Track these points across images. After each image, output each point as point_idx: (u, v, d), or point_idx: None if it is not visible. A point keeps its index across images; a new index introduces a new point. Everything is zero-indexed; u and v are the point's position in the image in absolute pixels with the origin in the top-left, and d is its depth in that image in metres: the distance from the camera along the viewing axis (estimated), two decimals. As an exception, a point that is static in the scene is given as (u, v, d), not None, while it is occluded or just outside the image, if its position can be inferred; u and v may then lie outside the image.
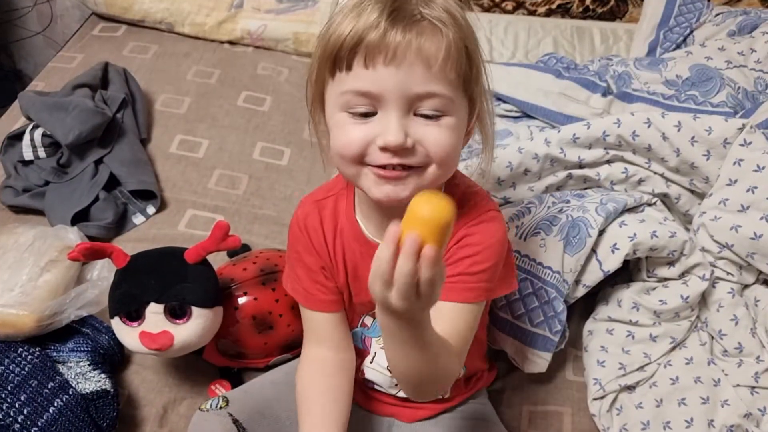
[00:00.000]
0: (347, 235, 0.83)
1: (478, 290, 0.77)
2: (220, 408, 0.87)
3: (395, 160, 0.69)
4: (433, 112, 0.70)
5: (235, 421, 0.85)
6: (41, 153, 1.29)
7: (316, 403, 0.83)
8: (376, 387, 0.92)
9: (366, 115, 0.70)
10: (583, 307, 1.14)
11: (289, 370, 0.96)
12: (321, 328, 0.86)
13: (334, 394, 0.84)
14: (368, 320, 0.89)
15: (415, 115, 0.70)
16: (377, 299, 0.60)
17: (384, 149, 0.69)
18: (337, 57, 0.70)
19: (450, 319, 0.76)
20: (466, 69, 0.71)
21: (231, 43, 1.72)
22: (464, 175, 0.85)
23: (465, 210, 0.78)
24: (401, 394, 0.90)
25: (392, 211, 0.74)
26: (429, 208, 0.54)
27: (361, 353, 0.91)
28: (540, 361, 1.04)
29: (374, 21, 0.67)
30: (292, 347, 1.03)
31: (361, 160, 0.71)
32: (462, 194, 0.80)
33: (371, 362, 0.90)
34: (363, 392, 0.94)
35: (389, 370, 0.88)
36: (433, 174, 0.72)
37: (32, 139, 1.29)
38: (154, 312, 0.91)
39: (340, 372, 0.85)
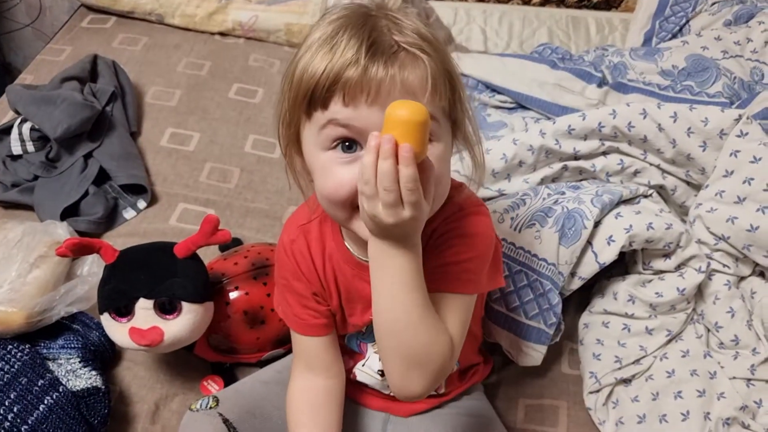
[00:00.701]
0: (337, 259, 0.80)
1: (463, 280, 0.74)
2: (210, 408, 0.86)
3: None
4: None
5: (226, 421, 0.84)
6: (30, 147, 1.28)
7: (314, 411, 0.83)
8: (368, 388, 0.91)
9: (350, 148, 0.65)
10: (578, 300, 1.14)
11: (281, 368, 0.96)
12: (312, 353, 0.84)
13: (322, 426, 0.83)
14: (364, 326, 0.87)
15: None
16: (367, 221, 0.60)
17: None
18: (312, 97, 0.65)
19: (438, 310, 0.72)
20: (449, 94, 0.67)
21: (222, 34, 1.70)
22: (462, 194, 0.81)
23: (449, 205, 0.75)
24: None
25: None
26: (403, 110, 0.57)
27: (355, 358, 0.90)
28: (535, 354, 1.03)
29: (352, 57, 0.63)
30: (285, 342, 1.02)
31: (351, 204, 0.66)
32: (453, 222, 0.76)
33: (363, 365, 0.89)
34: (358, 388, 0.93)
35: (380, 374, 0.87)
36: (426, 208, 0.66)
37: (20, 133, 1.27)
38: (144, 308, 0.90)
39: (329, 400, 0.84)
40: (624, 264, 1.12)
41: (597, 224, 1.04)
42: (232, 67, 1.59)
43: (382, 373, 0.87)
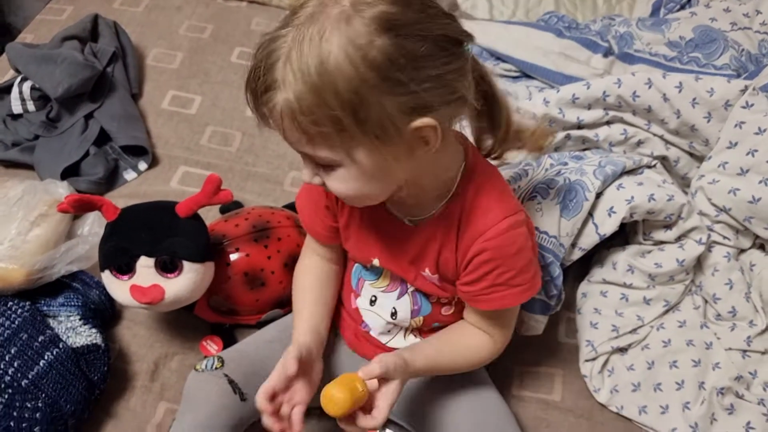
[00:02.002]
0: None
1: (515, 294, 0.78)
2: (216, 368, 0.86)
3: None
4: (327, 166, 0.67)
5: (231, 382, 0.85)
6: (30, 106, 1.27)
7: (308, 289, 0.90)
8: (370, 332, 0.92)
9: None
10: (577, 269, 1.14)
11: (283, 328, 0.96)
12: (318, 245, 0.91)
13: (323, 295, 0.91)
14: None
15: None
16: None
17: None
18: None
19: (491, 318, 0.82)
20: (347, 109, 0.60)
21: (225, -3, 1.68)
22: (487, 168, 0.79)
23: (477, 219, 0.75)
24: (392, 344, 0.91)
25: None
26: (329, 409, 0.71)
27: (353, 291, 0.92)
28: (536, 325, 1.04)
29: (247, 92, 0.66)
30: (284, 304, 1.02)
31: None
32: (471, 204, 0.76)
33: (372, 305, 0.90)
34: (357, 339, 0.94)
35: (392, 316, 0.88)
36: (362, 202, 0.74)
37: (21, 92, 1.26)
38: (145, 266, 0.90)
39: (331, 278, 0.93)
40: (624, 234, 1.12)
41: (599, 195, 1.04)
42: (234, 30, 1.57)
43: (392, 314, 0.88)
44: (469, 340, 0.84)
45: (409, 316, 0.88)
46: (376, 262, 0.85)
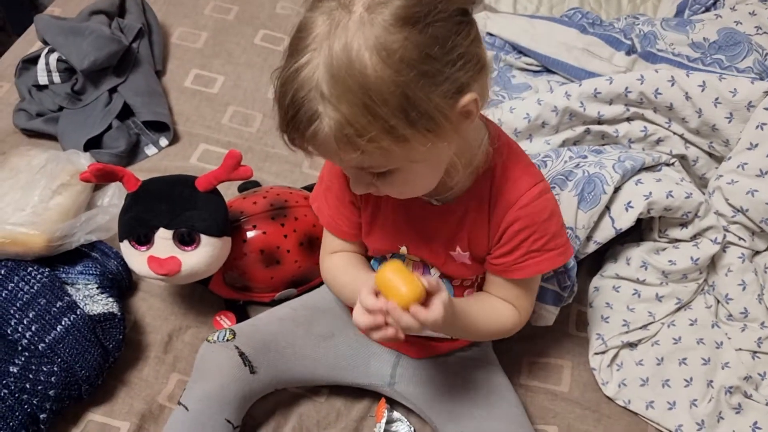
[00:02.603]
0: None
1: (550, 258, 0.79)
2: (227, 340, 0.88)
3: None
4: (378, 173, 0.66)
5: (242, 354, 0.87)
6: (56, 78, 1.28)
7: (351, 269, 0.87)
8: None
9: None
10: (590, 263, 1.14)
11: (296, 306, 0.97)
12: (343, 243, 0.89)
13: (362, 270, 0.88)
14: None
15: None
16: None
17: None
18: None
19: (519, 287, 0.82)
20: (381, 122, 0.59)
21: (251, -20, 1.69)
22: (509, 140, 0.80)
23: (508, 190, 0.76)
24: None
25: None
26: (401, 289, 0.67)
27: None
28: (548, 315, 1.04)
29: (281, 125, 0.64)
30: (298, 283, 1.03)
31: None
32: (502, 175, 0.77)
33: None
34: None
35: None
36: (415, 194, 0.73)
37: (47, 63, 1.28)
38: (163, 237, 0.91)
39: (360, 260, 0.90)
40: (639, 231, 1.13)
41: (616, 190, 1.04)
42: (259, 13, 1.58)
43: None
44: (497, 304, 0.83)
45: None
46: (404, 250, 0.84)
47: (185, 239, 0.92)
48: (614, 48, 1.33)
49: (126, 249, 0.94)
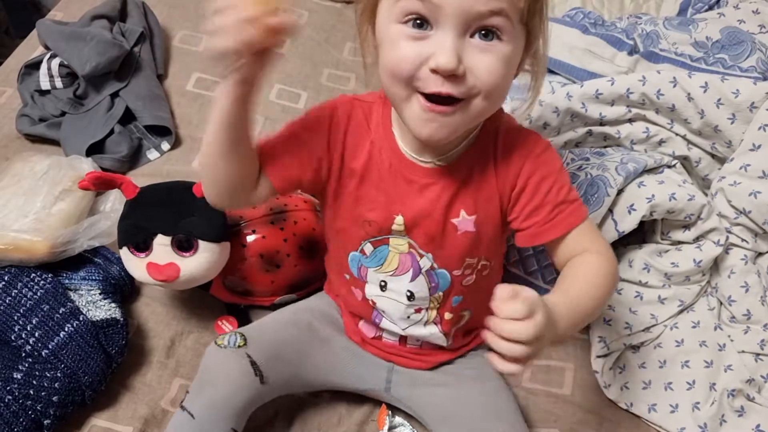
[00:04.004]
0: (380, 146, 0.78)
1: (580, 208, 0.77)
2: (238, 347, 0.85)
3: (445, 88, 0.65)
4: (491, 34, 0.65)
5: (253, 363, 0.84)
6: (58, 83, 1.29)
7: None
8: (382, 323, 0.89)
9: (421, 26, 0.66)
10: (592, 266, 1.14)
11: (296, 310, 0.97)
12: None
13: None
14: (368, 248, 0.83)
15: (471, 37, 0.65)
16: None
17: (435, 72, 0.65)
18: None
19: (581, 241, 0.76)
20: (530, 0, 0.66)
21: (253, -19, 1.69)
22: (505, 113, 0.82)
23: (520, 143, 0.77)
24: (408, 331, 0.89)
25: None
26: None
27: (356, 282, 0.87)
28: (549, 316, 1.04)
29: None
30: (298, 287, 1.04)
31: (410, 83, 0.67)
32: (506, 131, 0.78)
33: (383, 290, 0.85)
34: (364, 345, 0.94)
35: (409, 299, 0.85)
36: (478, 107, 0.68)
37: (49, 69, 1.28)
38: (162, 244, 0.92)
39: None
40: (642, 233, 1.12)
41: (619, 192, 1.04)
42: (261, 14, 1.58)
43: (409, 297, 0.85)
44: (588, 266, 0.75)
45: (428, 293, 0.84)
46: (399, 219, 0.79)
47: (183, 245, 0.92)
48: (616, 48, 1.32)
49: (125, 255, 0.95)
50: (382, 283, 0.85)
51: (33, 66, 1.31)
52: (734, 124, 1.07)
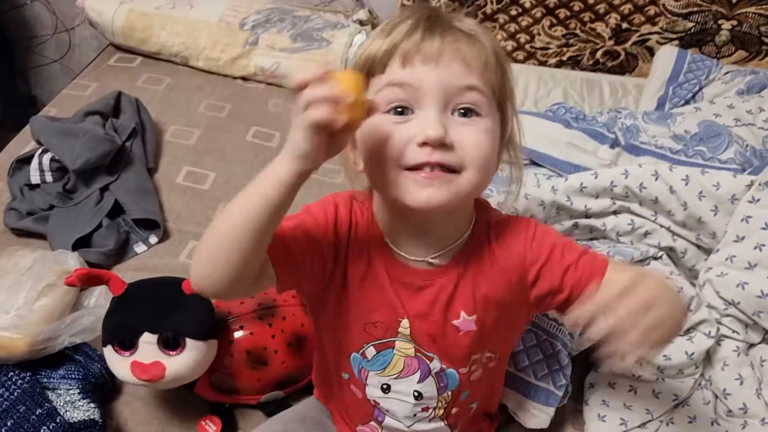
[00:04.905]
0: (375, 251, 0.77)
1: (598, 258, 0.76)
2: None
3: (434, 157, 0.67)
4: (471, 110, 0.69)
5: None
6: (48, 177, 1.30)
7: None
8: (385, 422, 0.86)
9: (402, 113, 0.69)
10: (584, 359, 1.12)
11: (286, 419, 0.94)
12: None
13: None
14: (370, 351, 0.81)
15: (452, 114, 0.69)
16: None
17: (423, 144, 0.67)
18: (372, 65, 0.70)
19: (617, 280, 0.67)
20: (500, 80, 0.71)
21: (244, 78, 1.75)
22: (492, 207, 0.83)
23: (514, 235, 0.77)
24: (412, 429, 0.85)
25: (417, 223, 0.74)
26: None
27: (355, 381, 0.85)
28: (542, 416, 1.01)
29: (409, 29, 0.68)
30: (285, 385, 1.01)
31: (398, 161, 0.68)
32: (496, 224, 0.79)
33: (385, 392, 0.83)
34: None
35: (416, 399, 0.82)
36: (469, 180, 0.69)
37: (40, 163, 1.29)
38: (148, 342, 0.90)
39: None
40: (632, 325, 1.11)
41: (606, 283, 1.04)
42: (252, 110, 1.63)
43: (417, 396, 0.82)
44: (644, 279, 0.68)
45: (437, 393, 0.82)
46: (405, 323, 0.77)
47: (170, 343, 0.90)
48: (598, 141, 1.36)
49: (109, 354, 0.92)
50: (384, 386, 0.83)
51: (24, 160, 1.32)
52: (717, 216, 1.09)
